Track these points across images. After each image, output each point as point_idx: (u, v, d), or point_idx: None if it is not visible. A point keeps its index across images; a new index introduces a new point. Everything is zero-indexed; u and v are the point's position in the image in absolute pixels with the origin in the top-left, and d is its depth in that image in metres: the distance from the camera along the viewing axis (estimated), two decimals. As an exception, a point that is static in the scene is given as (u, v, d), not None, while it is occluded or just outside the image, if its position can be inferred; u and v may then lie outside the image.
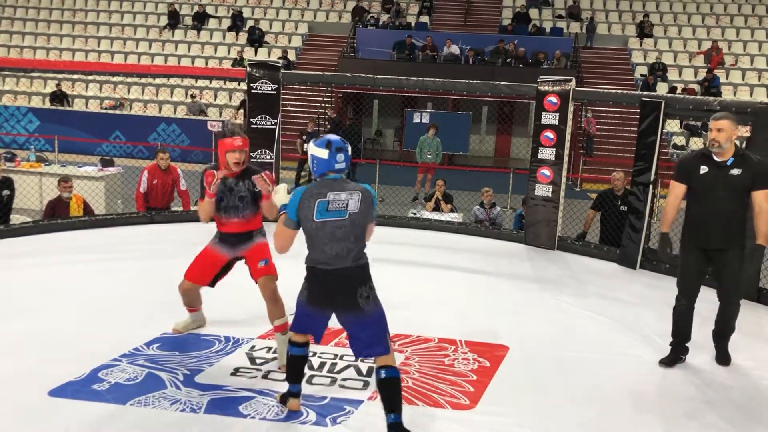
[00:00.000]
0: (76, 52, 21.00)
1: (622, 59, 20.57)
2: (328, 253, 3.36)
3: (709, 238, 4.46)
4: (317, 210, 3.33)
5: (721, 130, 4.36)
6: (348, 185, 3.42)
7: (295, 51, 21.08)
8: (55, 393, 3.78)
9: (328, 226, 3.34)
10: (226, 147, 4.20)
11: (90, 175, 10.43)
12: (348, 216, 3.36)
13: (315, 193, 3.35)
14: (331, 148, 3.39)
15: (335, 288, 3.40)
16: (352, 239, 3.38)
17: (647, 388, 4.29)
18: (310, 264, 3.43)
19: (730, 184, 4.39)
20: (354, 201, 3.37)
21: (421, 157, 13.62)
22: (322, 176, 3.43)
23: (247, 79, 8.18)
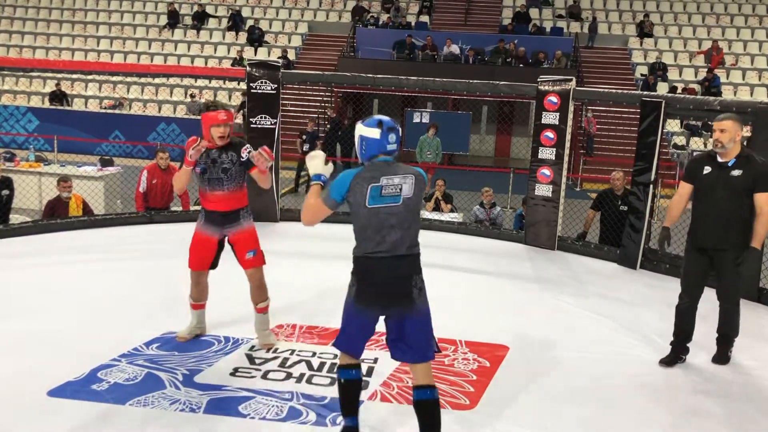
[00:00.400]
0: (76, 51, 20.99)
1: (623, 59, 20.57)
2: (383, 242, 3.17)
3: (709, 238, 4.48)
4: (370, 195, 3.13)
5: (724, 130, 4.39)
6: (400, 168, 3.23)
7: (295, 50, 21.07)
8: (54, 393, 3.78)
9: (381, 212, 3.16)
10: (210, 121, 4.19)
11: (89, 174, 10.42)
12: (402, 201, 3.18)
13: (368, 177, 3.15)
14: (383, 127, 3.20)
15: (389, 277, 3.19)
16: (406, 226, 3.21)
17: (647, 388, 4.28)
18: (361, 254, 3.23)
19: (730, 185, 4.39)
20: (408, 185, 3.19)
21: (421, 156, 13.62)
22: (372, 159, 3.22)
23: (246, 79, 8.17)
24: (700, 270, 4.59)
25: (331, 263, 6.65)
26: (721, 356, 4.68)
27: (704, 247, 4.52)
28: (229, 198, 4.30)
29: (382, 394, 3.96)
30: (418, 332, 3.24)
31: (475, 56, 19.72)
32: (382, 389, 4.02)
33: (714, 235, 4.45)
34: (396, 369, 4.29)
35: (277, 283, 5.70)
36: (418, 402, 3.21)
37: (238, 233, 4.37)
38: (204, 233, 4.38)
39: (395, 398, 3.92)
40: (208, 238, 4.37)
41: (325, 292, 5.76)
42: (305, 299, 5.57)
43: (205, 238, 4.37)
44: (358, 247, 3.25)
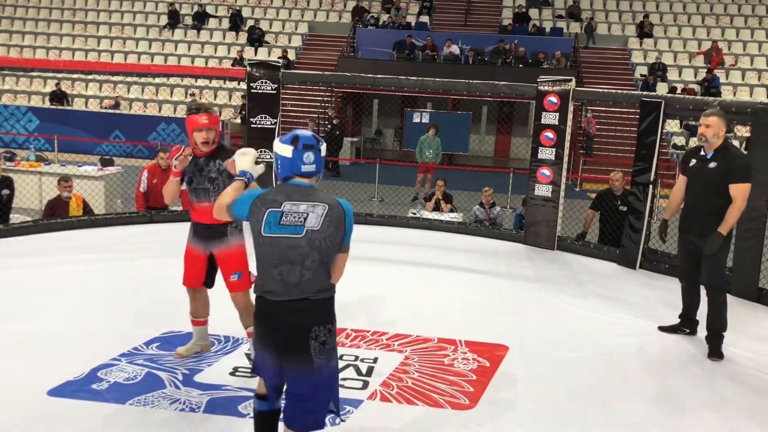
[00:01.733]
0: (76, 51, 21.00)
1: (622, 59, 20.57)
2: (276, 279, 2.72)
3: (689, 226, 4.86)
4: (266, 221, 2.71)
5: (709, 126, 4.69)
6: (314, 195, 2.77)
7: (295, 51, 21.08)
8: (54, 392, 3.78)
9: (278, 243, 2.70)
10: (192, 125, 3.86)
11: (90, 174, 10.42)
12: (304, 234, 2.70)
13: (269, 199, 2.75)
14: (298, 144, 2.80)
15: (284, 325, 2.71)
16: (308, 263, 2.71)
17: (647, 388, 4.28)
18: (259, 292, 2.79)
19: (706, 177, 4.73)
20: (315, 215, 2.71)
21: (421, 156, 13.62)
22: (286, 180, 2.84)
23: (247, 79, 8.17)
24: (686, 255, 4.94)
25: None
26: (715, 351, 4.77)
27: (688, 233, 4.87)
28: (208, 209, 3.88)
29: (381, 393, 3.97)
30: (313, 397, 2.74)
31: (474, 56, 19.73)
32: (382, 389, 4.02)
33: (695, 224, 4.80)
34: (396, 369, 4.30)
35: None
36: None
37: (225, 251, 4.03)
38: (191, 248, 4.09)
39: (395, 398, 3.92)
40: (195, 254, 4.08)
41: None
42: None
43: (193, 253, 4.09)
44: (258, 283, 2.82)
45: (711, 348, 4.78)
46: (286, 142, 2.82)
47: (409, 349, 4.63)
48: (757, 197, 6.04)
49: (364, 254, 7.11)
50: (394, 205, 11.65)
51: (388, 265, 6.83)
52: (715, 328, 4.77)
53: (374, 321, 5.08)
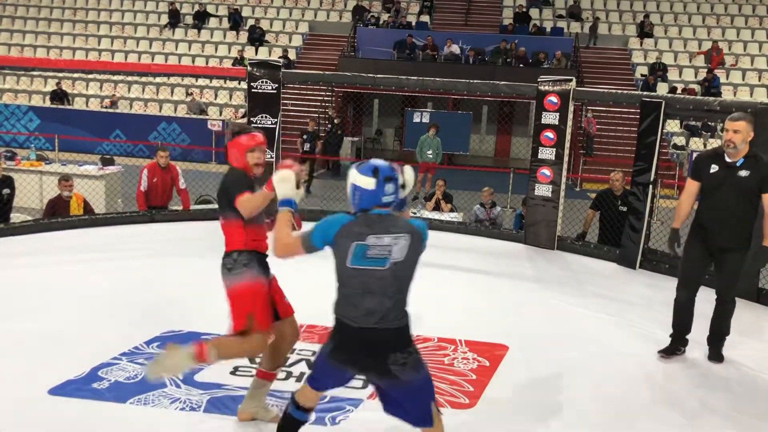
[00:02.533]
0: (77, 50, 21.00)
1: (623, 59, 20.57)
2: (359, 308, 2.79)
3: (714, 237, 4.51)
4: (353, 254, 2.76)
5: (738, 131, 4.38)
6: (395, 225, 2.81)
7: (296, 50, 21.07)
8: (55, 391, 3.79)
9: (363, 275, 2.78)
10: (245, 145, 3.45)
11: (90, 173, 10.43)
12: (388, 266, 2.77)
13: (354, 232, 2.78)
14: (379, 176, 2.81)
15: (362, 351, 2.82)
16: (390, 294, 2.80)
17: (647, 388, 4.29)
18: (338, 314, 2.87)
19: (736, 185, 4.42)
20: (399, 247, 2.79)
21: (422, 156, 13.62)
22: (365, 211, 2.84)
23: (247, 79, 8.18)
24: (701, 266, 4.64)
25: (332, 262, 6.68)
26: (716, 354, 4.71)
27: (709, 245, 4.54)
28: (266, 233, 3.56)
29: (381, 393, 3.97)
30: (412, 403, 2.91)
31: (475, 56, 19.72)
32: (382, 388, 4.03)
33: (721, 235, 4.48)
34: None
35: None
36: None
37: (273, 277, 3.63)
38: (266, 284, 3.50)
39: (395, 397, 3.92)
40: (267, 286, 3.52)
41: (325, 291, 5.76)
42: (305, 298, 5.56)
43: (266, 288, 3.50)
44: (337, 304, 2.89)
45: (714, 351, 4.72)
46: (367, 173, 2.83)
47: (409, 349, 4.64)
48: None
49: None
50: (394, 205, 11.65)
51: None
52: (722, 332, 4.69)
53: (374, 320, 5.08)
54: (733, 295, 4.65)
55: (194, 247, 6.96)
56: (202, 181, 10.21)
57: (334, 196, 11.90)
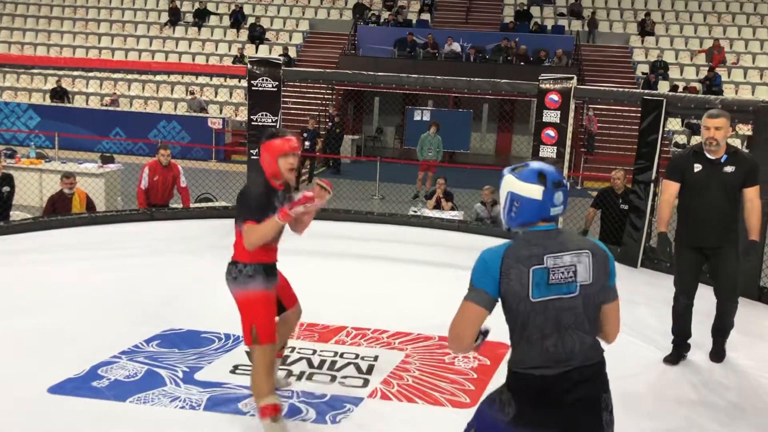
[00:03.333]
0: (77, 48, 20.99)
1: (624, 57, 20.55)
2: (552, 351, 2.23)
3: (705, 237, 4.46)
4: (534, 283, 2.21)
5: (719, 128, 4.33)
6: (571, 241, 2.30)
7: (296, 48, 21.06)
8: (54, 390, 3.78)
9: (550, 308, 2.23)
10: (280, 150, 3.31)
11: (90, 172, 10.42)
12: (579, 291, 2.24)
13: (525, 255, 2.22)
14: (547, 183, 2.30)
15: (568, 400, 2.23)
16: (586, 326, 2.27)
17: (647, 387, 4.28)
18: (520, 368, 2.28)
19: (723, 182, 4.38)
20: (584, 266, 2.25)
21: (422, 154, 13.62)
22: (525, 226, 2.33)
23: (247, 76, 8.16)
24: (694, 269, 4.58)
25: (332, 261, 6.67)
26: (719, 352, 4.69)
27: (701, 246, 4.49)
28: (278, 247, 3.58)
29: (382, 391, 3.96)
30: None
31: (476, 54, 19.71)
32: (383, 387, 4.02)
33: (711, 234, 4.42)
34: (396, 367, 4.30)
35: (278, 281, 5.71)
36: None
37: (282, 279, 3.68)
38: (270, 293, 3.45)
39: (395, 396, 3.92)
40: (274, 297, 3.51)
41: (326, 290, 5.76)
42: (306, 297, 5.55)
43: (273, 298, 3.49)
44: (516, 358, 2.31)
45: (717, 348, 4.69)
46: (532, 180, 2.30)
47: (409, 347, 4.63)
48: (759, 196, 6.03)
49: (365, 252, 7.12)
50: (395, 203, 11.64)
51: (388, 263, 6.82)
52: (726, 328, 4.66)
53: (375, 319, 5.07)
54: (735, 296, 4.58)
55: (194, 246, 6.95)
56: (202, 179, 10.20)
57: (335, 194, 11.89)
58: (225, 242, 7.50)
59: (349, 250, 7.20)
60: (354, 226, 8.32)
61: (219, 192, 9.93)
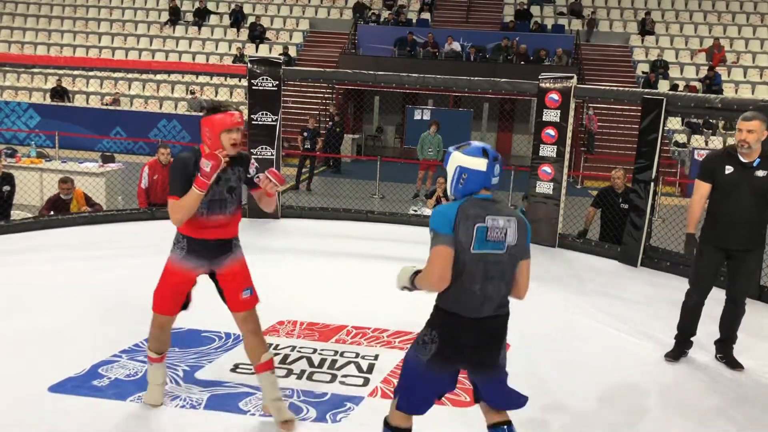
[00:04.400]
0: (77, 47, 20.98)
1: (624, 56, 20.54)
2: (477, 297, 2.66)
3: (732, 239, 4.44)
4: (476, 238, 2.62)
5: (752, 131, 4.29)
6: (504, 208, 2.75)
7: (296, 47, 21.06)
8: (55, 389, 3.78)
9: (483, 260, 2.65)
10: (221, 125, 3.28)
11: (90, 171, 10.42)
12: (506, 249, 2.70)
13: (472, 214, 2.63)
14: (489, 156, 2.71)
15: (480, 342, 2.72)
16: (507, 279, 2.74)
17: (648, 386, 4.28)
18: (449, 308, 2.70)
19: (754, 185, 4.35)
20: (512, 230, 2.70)
21: (422, 154, 13.62)
22: (470, 195, 2.72)
23: (248, 76, 8.17)
24: (716, 269, 4.59)
25: (333, 260, 6.67)
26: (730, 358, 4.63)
27: (726, 247, 4.48)
28: (229, 222, 3.47)
29: (382, 390, 3.97)
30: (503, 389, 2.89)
31: (476, 53, 19.71)
32: (383, 386, 4.02)
33: (739, 236, 4.42)
34: (396, 366, 4.30)
35: (279, 280, 5.72)
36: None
37: (233, 266, 3.50)
38: (185, 268, 3.45)
39: (396, 395, 3.92)
40: (189, 274, 3.48)
41: (326, 289, 5.77)
42: (306, 296, 5.57)
43: (186, 275, 3.47)
44: (446, 299, 2.71)
45: (728, 356, 4.64)
46: (477, 154, 2.71)
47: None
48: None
49: (365, 251, 7.12)
50: (395, 203, 11.64)
51: (388, 262, 6.81)
52: (734, 337, 4.64)
53: (375, 318, 5.08)
54: (745, 296, 4.61)
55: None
56: (203, 178, 10.18)
57: (335, 193, 11.90)
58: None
59: (350, 249, 7.20)
60: (354, 225, 8.32)
61: (219, 191, 9.92)
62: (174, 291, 3.50)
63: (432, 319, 2.78)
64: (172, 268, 3.48)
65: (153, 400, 3.64)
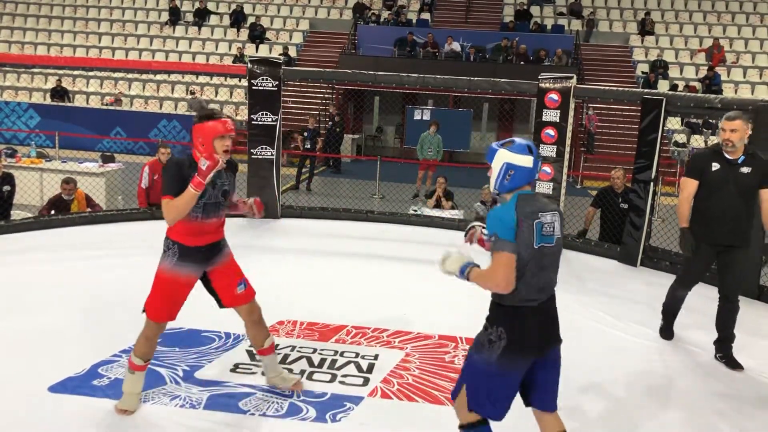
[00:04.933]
0: (77, 48, 21.00)
1: (624, 57, 20.55)
2: (538, 287, 2.80)
3: (720, 235, 4.57)
4: (537, 234, 2.75)
5: (735, 130, 4.45)
6: (547, 204, 2.87)
7: (296, 47, 21.06)
8: (55, 388, 3.79)
9: (540, 253, 2.78)
10: (215, 132, 3.35)
11: (91, 171, 10.43)
12: (555, 241, 2.84)
13: (529, 212, 2.75)
14: (533, 154, 2.83)
15: (544, 324, 2.88)
16: (555, 267, 2.91)
17: (646, 384, 4.29)
18: (513, 303, 2.80)
19: (740, 182, 4.49)
20: (558, 223, 2.86)
21: (422, 154, 13.62)
22: (514, 190, 2.83)
23: (248, 76, 8.17)
24: (707, 265, 4.76)
25: (332, 260, 6.68)
26: (729, 358, 4.65)
27: (714, 243, 4.60)
28: (221, 225, 3.59)
29: (382, 390, 3.97)
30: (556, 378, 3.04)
31: (476, 54, 19.72)
32: (383, 386, 4.03)
33: (727, 232, 4.55)
34: (396, 366, 4.31)
35: (278, 280, 5.72)
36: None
37: (221, 264, 3.61)
38: (181, 274, 3.50)
39: (395, 395, 3.93)
40: (188, 281, 3.54)
41: (326, 289, 5.78)
42: (306, 296, 5.57)
43: (184, 281, 3.52)
44: (509, 295, 2.77)
45: (727, 356, 4.67)
46: (524, 152, 2.82)
47: (409, 346, 4.64)
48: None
49: (365, 251, 7.12)
50: (395, 202, 11.64)
51: (389, 262, 6.83)
52: (731, 335, 4.68)
53: (375, 318, 5.08)
54: (738, 292, 4.69)
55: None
56: (203, 178, 10.18)
57: (335, 193, 11.91)
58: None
59: (350, 249, 7.21)
60: (354, 225, 8.33)
61: (219, 191, 9.92)
62: (173, 296, 3.53)
63: (494, 316, 2.88)
64: (165, 275, 3.51)
65: (129, 407, 3.57)
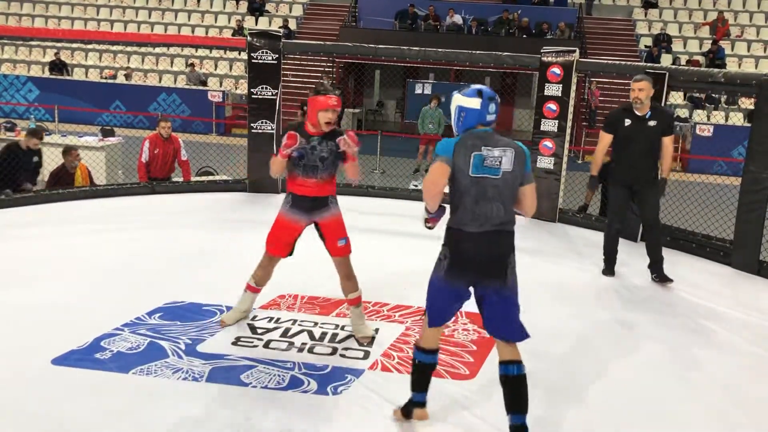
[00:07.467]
0: (75, 20, 20.80)
1: (627, 30, 20.36)
2: (478, 214, 3.08)
3: (635, 176, 5.52)
4: (473, 164, 3.05)
5: (642, 89, 5.39)
6: (500, 140, 3.12)
7: (296, 20, 20.86)
8: (58, 361, 3.81)
9: (481, 183, 3.07)
10: (319, 105, 3.97)
11: (90, 145, 10.39)
12: (501, 175, 3.08)
13: (470, 145, 3.06)
14: (483, 96, 3.12)
15: (482, 251, 3.12)
16: (504, 201, 3.12)
17: (647, 359, 4.32)
18: (456, 225, 3.14)
19: (647, 133, 5.45)
20: (507, 158, 3.09)
21: (423, 128, 13.56)
22: (469, 130, 3.13)
23: (247, 49, 8.11)
24: (625, 202, 5.71)
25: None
26: (663, 277, 5.59)
27: (630, 184, 5.56)
28: (321, 186, 4.15)
29: (382, 363, 4.00)
30: (509, 310, 3.22)
31: (478, 27, 19.54)
32: (383, 359, 4.06)
33: (638, 174, 5.50)
34: (397, 339, 4.33)
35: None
36: (504, 377, 3.27)
37: (330, 219, 4.23)
38: (290, 218, 4.19)
39: (395, 368, 3.95)
40: (294, 224, 4.20)
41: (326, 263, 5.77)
42: (307, 270, 5.58)
43: (290, 224, 4.20)
44: (453, 218, 3.16)
45: (659, 275, 5.62)
46: (472, 95, 3.13)
47: (410, 320, 4.66)
48: (760, 170, 6.03)
49: (366, 226, 7.12)
50: (395, 177, 11.61)
51: (389, 237, 6.84)
52: (660, 257, 5.61)
53: (375, 292, 5.09)
54: (658, 219, 5.64)
55: (195, 219, 6.97)
56: (203, 152, 10.18)
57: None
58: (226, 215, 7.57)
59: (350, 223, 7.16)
60: (354, 200, 8.31)
61: (219, 165, 9.91)
62: (280, 234, 4.23)
63: (444, 239, 3.22)
64: (281, 218, 4.23)
65: (228, 320, 4.39)
